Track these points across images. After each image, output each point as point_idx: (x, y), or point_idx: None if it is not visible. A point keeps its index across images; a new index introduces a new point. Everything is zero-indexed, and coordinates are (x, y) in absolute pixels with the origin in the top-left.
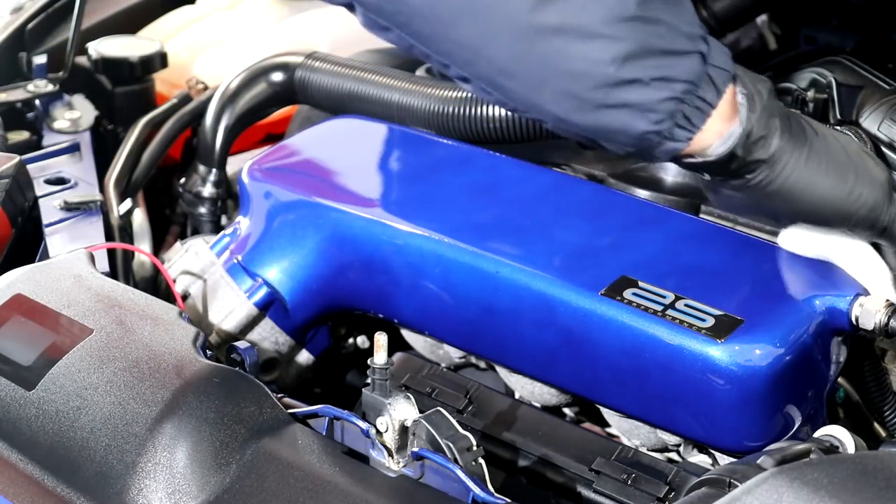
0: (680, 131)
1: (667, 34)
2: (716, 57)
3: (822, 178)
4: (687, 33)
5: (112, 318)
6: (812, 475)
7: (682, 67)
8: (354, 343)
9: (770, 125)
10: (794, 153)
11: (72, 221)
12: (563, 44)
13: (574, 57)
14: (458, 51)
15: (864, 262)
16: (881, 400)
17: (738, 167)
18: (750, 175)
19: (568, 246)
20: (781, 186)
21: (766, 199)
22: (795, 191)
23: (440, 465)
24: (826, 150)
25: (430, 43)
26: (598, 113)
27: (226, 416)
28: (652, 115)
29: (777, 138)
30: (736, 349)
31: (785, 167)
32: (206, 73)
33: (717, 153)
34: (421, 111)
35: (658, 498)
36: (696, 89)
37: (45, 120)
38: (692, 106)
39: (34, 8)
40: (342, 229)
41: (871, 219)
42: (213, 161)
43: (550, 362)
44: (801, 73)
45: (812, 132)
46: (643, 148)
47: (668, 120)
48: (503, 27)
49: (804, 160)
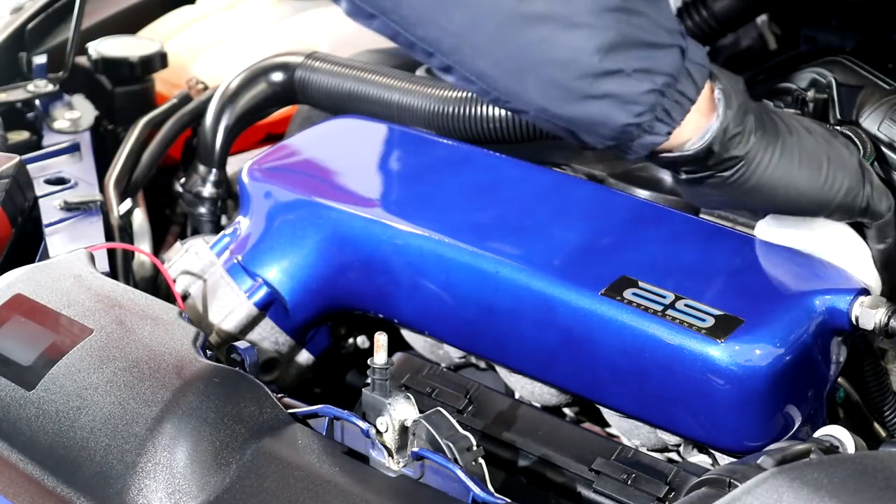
0: (659, 125)
1: (648, 27)
2: (694, 53)
3: (797, 171)
4: (667, 27)
5: (112, 318)
6: (812, 475)
7: (663, 60)
8: (354, 343)
9: (745, 122)
10: (769, 149)
11: (72, 221)
12: (548, 32)
13: (559, 45)
14: (443, 38)
15: (843, 244)
16: (881, 400)
17: (715, 163)
18: (727, 172)
19: (568, 246)
20: (758, 182)
21: (744, 195)
22: (772, 186)
23: (440, 465)
24: (799, 142)
25: (416, 29)
26: (581, 103)
27: (226, 416)
28: (633, 108)
29: (752, 135)
30: (736, 349)
31: (760, 163)
32: (206, 73)
33: (693, 149)
34: (421, 111)
35: (658, 498)
36: (676, 83)
37: (45, 120)
38: (672, 100)
39: (34, 8)
40: (342, 229)
41: (847, 202)
42: (213, 161)
43: (550, 362)
44: (801, 73)
45: (784, 127)
46: (623, 141)
47: (648, 112)
48: (489, 14)
49: (779, 155)
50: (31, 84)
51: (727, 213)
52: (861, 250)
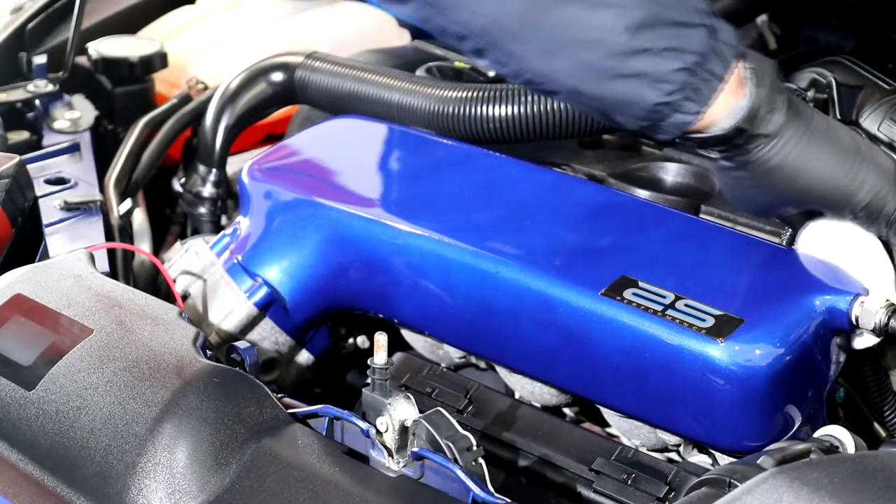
0: (690, 104)
1: (677, 5)
2: (723, 33)
3: (822, 156)
4: (695, 7)
5: (112, 318)
6: (812, 475)
7: (692, 39)
8: (354, 343)
9: (775, 101)
10: (797, 129)
11: (72, 221)
12: (577, 11)
13: (588, 25)
14: (473, 20)
15: (870, 258)
16: (881, 400)
17: (744, 142)
18: (753, 151)
19: (568, 246)
20: (782, 161)
21: (767, 175)
22: (796, 166)
23: (440, 465)
24: (827, 130)
25: (448, 11)
26: (611, 83)
27: (226, 416)
28: (664, 86)
29: (781, 113)
30: (736, 349)
31: (787, 142)
32: (206, 73)
33: (724, 128)
34: (421, 111)
35: (658, 498)
36: (706, 62)
37: (45, 120)
38: (702, 78)
39: (34, 8)
40: (342, 229)
41: (876, 207)
42: (213, 161)
43: (550, 362)
44: (801, 73)
45: (811, 112)
46: (654, 121)
47: (678, 91)
48: None
49: (806, 137)
50: (31, 84)
51: (728, 212)
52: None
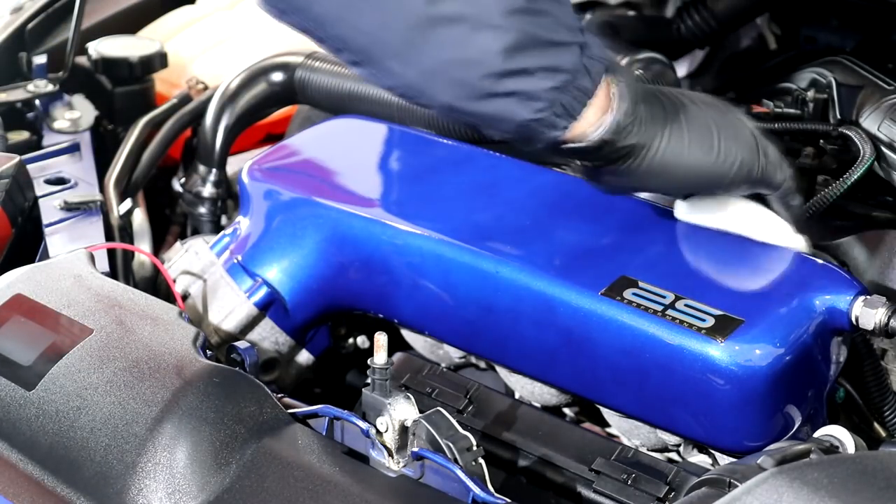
0: (559, 119)
1: (551, 25)
2: (593, 48)
3: (688, 151)
4: (569, 25)
5: (112, 318)
6: (812, 475)
7: (565, 58)
8: (354, 343)
9: (637, 112)
10: (658, 134)
11: (72, 221)
12: (459, 33)
13: (467, 46)
14: (355, 36)
15: (760, 221)
16: (881, 400)
17: (610, 152)
18: (621, 160)
19: (568, 246)
20: (650, 165)
21: (641, 179)
22: (666, 168)
23: (440, 465)
24: (687, 121)
25: (328, 27)
26: (486, 101)
27: (226, 416)
28: (535, 104)
29: (643, 124)
30: (736, 349)
31: (650, 149)
32: (206, 73)
33: (592, 140)
34: (421, 111)
35: (658, 498)
36: (576, 79)
37: (45, 120)
38: (571, 95)
39: (34, 8)
40: (342, 229)
41: (744, 174)
42: (213, 161)
43: (550, 362)
44: (801, 73)
45: (671, 107)
46: (524, 136)
47: (548, 108)
48: (400, 14)
49: (668, 138)
50: (31, 84)
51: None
52: (775, 220)
